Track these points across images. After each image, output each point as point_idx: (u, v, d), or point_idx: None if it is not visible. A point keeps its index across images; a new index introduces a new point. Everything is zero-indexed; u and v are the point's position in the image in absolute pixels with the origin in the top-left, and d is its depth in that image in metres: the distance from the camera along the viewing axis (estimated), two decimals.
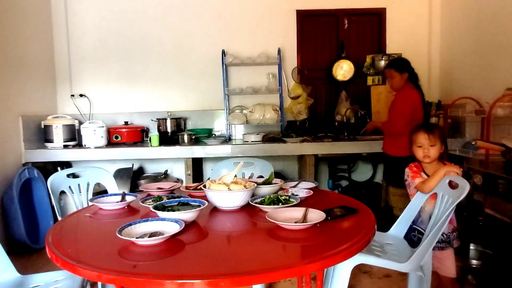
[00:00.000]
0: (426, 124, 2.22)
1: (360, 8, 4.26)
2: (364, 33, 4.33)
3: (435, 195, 2.01)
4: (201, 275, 1.06)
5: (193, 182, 3.55)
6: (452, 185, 1.82)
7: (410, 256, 1.69)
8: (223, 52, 4.06)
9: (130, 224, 1.35)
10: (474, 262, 2.53)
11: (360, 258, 1.70)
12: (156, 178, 3.93)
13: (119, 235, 1.25)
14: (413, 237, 2.00)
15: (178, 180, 4.12)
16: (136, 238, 1.26)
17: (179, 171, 4.22)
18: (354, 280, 2.59)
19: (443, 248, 2.01)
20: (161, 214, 1.45)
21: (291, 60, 4.23)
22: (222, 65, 4.06)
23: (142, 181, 3.81)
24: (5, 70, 3.33)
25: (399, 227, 2.06)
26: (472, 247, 2.60)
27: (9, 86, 3.38)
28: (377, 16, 4.29)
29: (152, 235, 1.28)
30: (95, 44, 4.17)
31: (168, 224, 1.36)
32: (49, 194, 2.16)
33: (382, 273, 2.65)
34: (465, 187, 1.68)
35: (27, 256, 3.17)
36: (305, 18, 4.25)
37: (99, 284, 2.10)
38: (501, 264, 2.34)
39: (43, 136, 3.69)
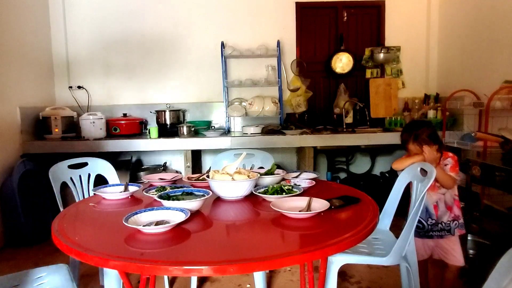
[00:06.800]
0: (413, 132, 2.08)
1: (359, 1, 4.25)
2: (363, 25, 4.33)
3: (432, 186, 2.03)
4: (208, 262, 1.07)
5: (193, 174, 3.55)
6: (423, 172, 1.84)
7: None
8: (222, 44, 4.05)
9: (136, 213, 1.36)
10: (471, 252, 2.56)
11: (342, 259, 1.72)
12: (155, 170, 3.93)
13: (125, 223, 1.26)
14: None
15: (177, 172, 4.12)
16: (143, 226, 1.27)
17: (178, 163, 4.23)
18: (353, 270, 2.62)
19: (442, 236, 2.04)
20: (166, 203, 1.46)
21: (290, 53, 4.23)
22: (221, 57, 4.06)
23: (142, 173, 3.81)
24: (2, 62, 3.30)
25: (384, 220, 2.04)
26: (470, 237, 2.63)
27: (6, 77, 3.35)
28: (376, 9, 4.29)
29: (158, 223, 1.29)
30: (93, 36, 4.14)
31: (173, 213, 1.37)
32: (50, 184, 2.16)
33: None
34: (432, 173, 1.70)
35: (27, 249, 3.17)
36: (304, 10, 4.24)
37: (102, 275, 2.12)
38: (498, 254, 2.38)
39: (42, 127, 3.68)
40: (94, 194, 1.82)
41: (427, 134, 2.03)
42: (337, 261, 1.73)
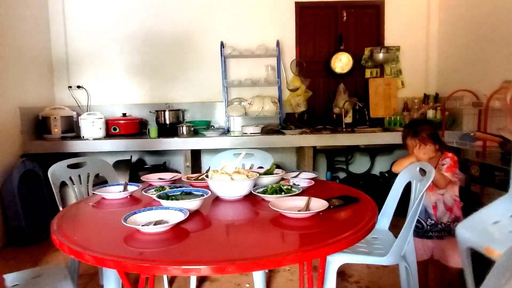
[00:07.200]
0: (413, 128, 2.10)
1: (359, 0, 4.26)
2: (363, 25, 4.33)
3: (430, 187, 2.03)
4: (207, 261, 1.07)
5: (192, 174, 3.56)
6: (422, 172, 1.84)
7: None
8: (222, 44, 4.05)
9: (135, 213, 1.36)
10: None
11: (341, 258, 1.73)
12: (154, 170, 3.92)
13: (124, 223, 1.26)
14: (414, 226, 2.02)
15: (177, 172, 4.12)
16: (142, 226, 1.27)
17: (178, 163, 4.23)
18: (352, 269, 2.63)
19: (441, 237, 2.03)
20: (165, 203, 1.46)
21: (290, 52, 4.23)
22: (221, 57, 4.06)
23: (141, 173, 3.81)
24: (1, 62, 3.30)
25: (383, 219, 2.04)
26: None
27: (6, 77, 3.35)
28: (376, 9, 4.29)
29: (157, 223, 1.29)
30: (92, 35, 4.14)
31: (172, 213, 1.37)
32: (49, 184, 2.16)
33: None
34: (431, 172, 1.69)
35: (27, 248, 3.17)
36: (304, 10, 4.24)
37: (102, 274, 2.12)
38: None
39: (41, 127, 3.68)
40: (94, 193, 1.82)
41: (427, 132, 2.04)
42: (336, 261, 1.74)
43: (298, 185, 1.80)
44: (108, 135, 3.78)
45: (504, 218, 1.57)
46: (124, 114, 3.95)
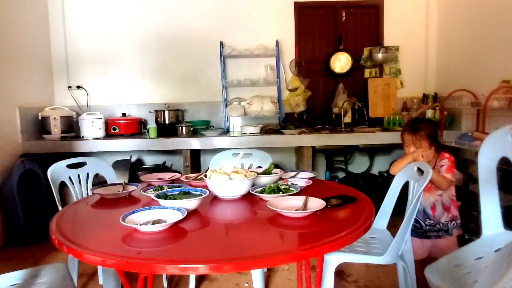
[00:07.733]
0: (414, 124, 2.12)
1: (358, 0, 4.26)
2: (362, 25, 4.34)
3: (428, 188, 2.04)
4: (204, 260, 1.08)
5: (191, 174, 3.56)
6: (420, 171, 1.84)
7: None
8: (221, 44, 4.06)
9: (133, 212, 1.37)
10: None
11: (339, 258, 1.73)
12: (154, 170, 3.93)
13: (122, 222, 1.27)
14: (412, 226, 2.03)
15: (176, 172, 4.13)
16: (140, 225, 1.28)
17: (177, 163, 4.24)
18: (351, 269, 2.63)
19: (440, 237, 2.04)
20: (163, 202, 1.47)
21: (289, 52, 4.24)
22: (220, 57, 4.06)
23: (140, 173, 3.82)
24: (1, 62, 3.31)
25: (381, 219, 2.05)
26: (467, 237, 2.64)
27: (5, 77, 3.36)
28: (375, 8, 4.29)
29: (155, 222, 1.30)
30: (92, 35, 4.15)
31: (170, 212, 1.38)
32: (49, 184, 2.17)
33: None
34: (428, 172, 1.70)
35: (26, 248, 3.18)
36: (303, 10, 4.24)
37: (101, 273, 2.13)
38: None
39: (41, 127, 3.69)
40: (93, 193, 1.82)
41: (426, 132, 2.04)
42: (334, 260, 1.74)
43: (296, 184, 1.80)
44: (108, 135, 3.79)
45: (467, 261, 1.61)
46: (124, 114, 3.96)
